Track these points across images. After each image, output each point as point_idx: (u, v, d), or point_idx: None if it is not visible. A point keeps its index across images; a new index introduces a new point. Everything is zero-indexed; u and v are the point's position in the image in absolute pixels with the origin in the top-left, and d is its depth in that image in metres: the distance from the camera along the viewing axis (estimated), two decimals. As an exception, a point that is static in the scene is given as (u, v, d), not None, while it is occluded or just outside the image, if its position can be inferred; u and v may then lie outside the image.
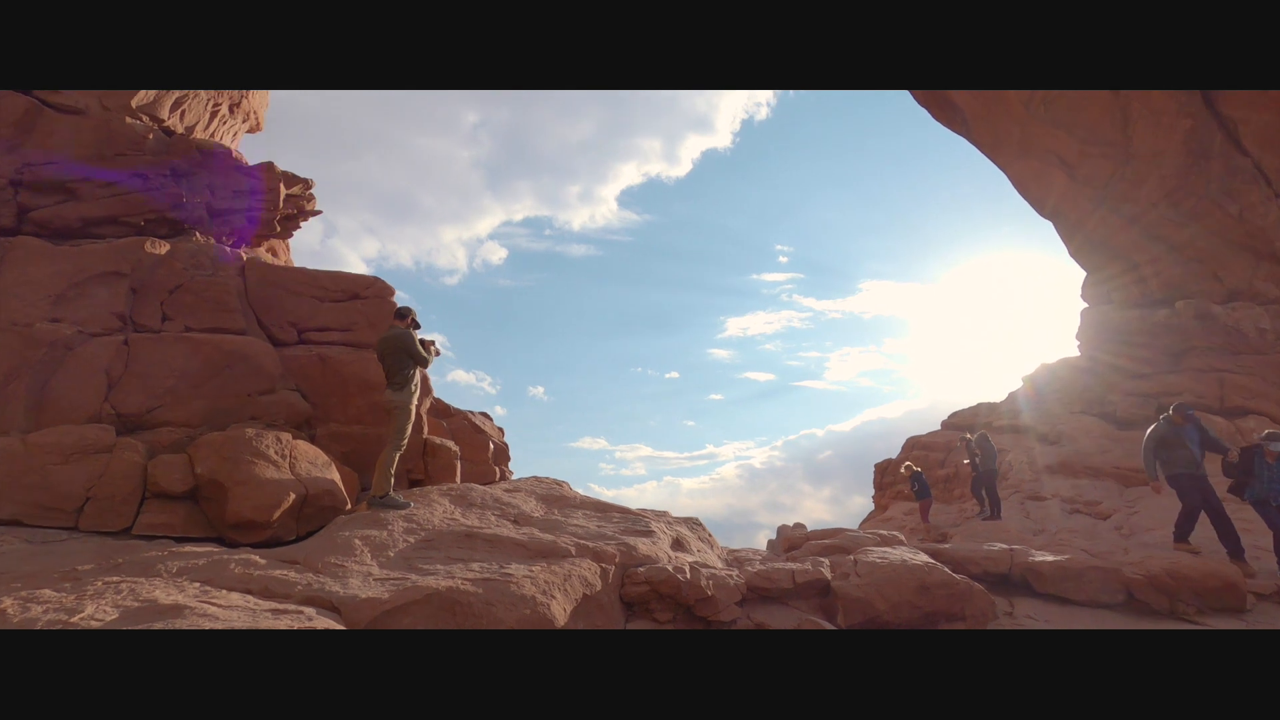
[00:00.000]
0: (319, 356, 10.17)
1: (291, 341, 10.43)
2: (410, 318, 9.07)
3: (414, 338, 8.85)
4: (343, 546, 7.29)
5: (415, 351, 8.79)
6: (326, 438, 9.93)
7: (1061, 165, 22.58)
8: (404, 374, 8.74)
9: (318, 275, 10.81)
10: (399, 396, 8.72)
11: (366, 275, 11.06)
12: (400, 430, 8.74)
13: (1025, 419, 21.97)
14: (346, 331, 10.68)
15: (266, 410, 9.31)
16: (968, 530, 15.63)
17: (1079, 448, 19.63)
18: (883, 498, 22.83)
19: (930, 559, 9.40)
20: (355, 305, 10.84)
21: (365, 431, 10.08)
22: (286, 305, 10.48)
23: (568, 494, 10.89)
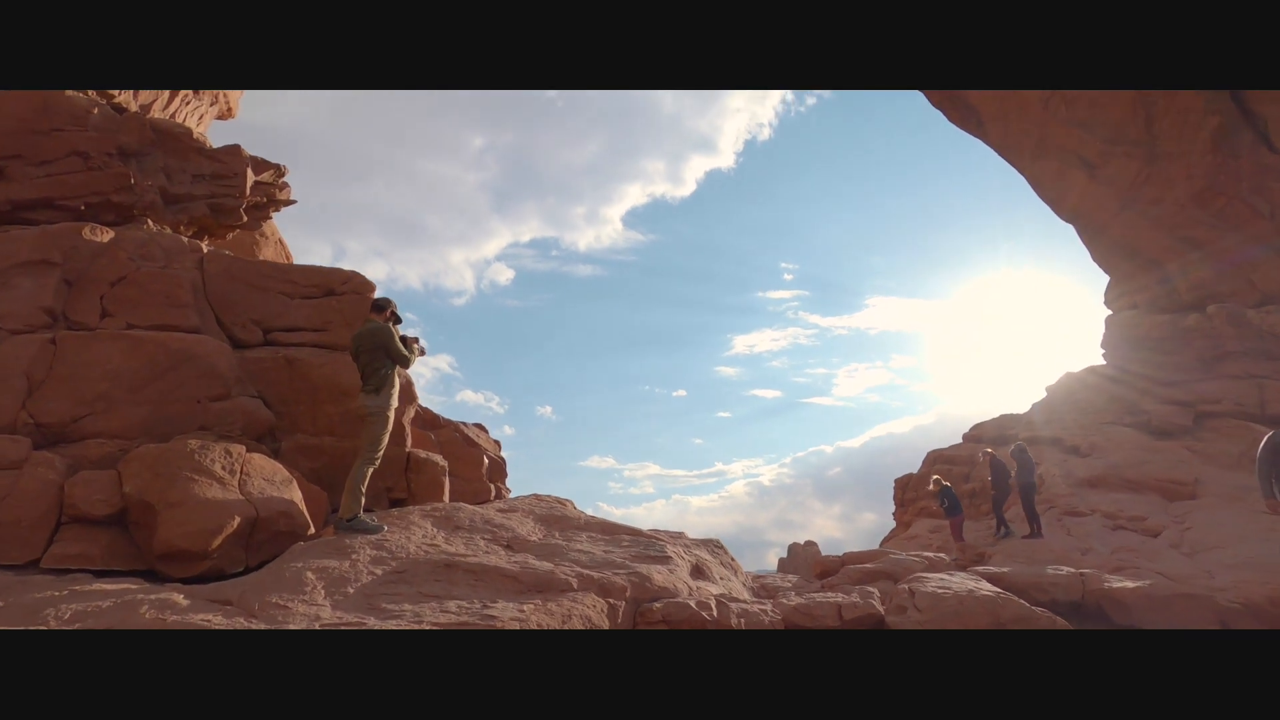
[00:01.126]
0: (286, 359, 8.67)
1: (255, 342, 8.93)
2: (389, 310, 7.58)
3: (393, 333, 7.34)
4: (291, 582, 5.74)
5: (394, 349, 7.27)
6: (293, 451, 8.39)
7: (1082, 165, 21.15)
8: (381, 375, 7.21)
9: (287, 269, 9.34)
10: (374, 401, 7.19)
11: (343, 269, 9.59)
12: (374, 441, 7.21)
13: (1053, 430, 20.35)
14: (319, 331, 9.18)
15: (219, 419, 7.78)
16: (1008, 550, 13.97)
17: (1114, 460, 17.99)
18: (904, 514, 21.15)
19: (996, 587, 7.81)
20: (330, 303, 9.36)
21: (338, 444, 8.55)
22: (250, 302, 9.00)
23: (571, 514, 9.32)
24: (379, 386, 7.16)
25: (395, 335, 7.34)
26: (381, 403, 7.18)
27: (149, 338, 7.74)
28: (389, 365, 7.28)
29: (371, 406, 7.16)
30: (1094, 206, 21.37)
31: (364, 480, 7.15)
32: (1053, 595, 8.69)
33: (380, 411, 7.18)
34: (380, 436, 7.20)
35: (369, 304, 9.40)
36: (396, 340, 7.31)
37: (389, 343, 7.22)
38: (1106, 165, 20.87)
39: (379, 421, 7.18)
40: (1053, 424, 21.06)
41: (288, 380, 8.62)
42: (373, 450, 7.17)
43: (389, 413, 7.26)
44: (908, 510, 21.17)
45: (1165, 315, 21.19)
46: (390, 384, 7.27)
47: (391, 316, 7.56)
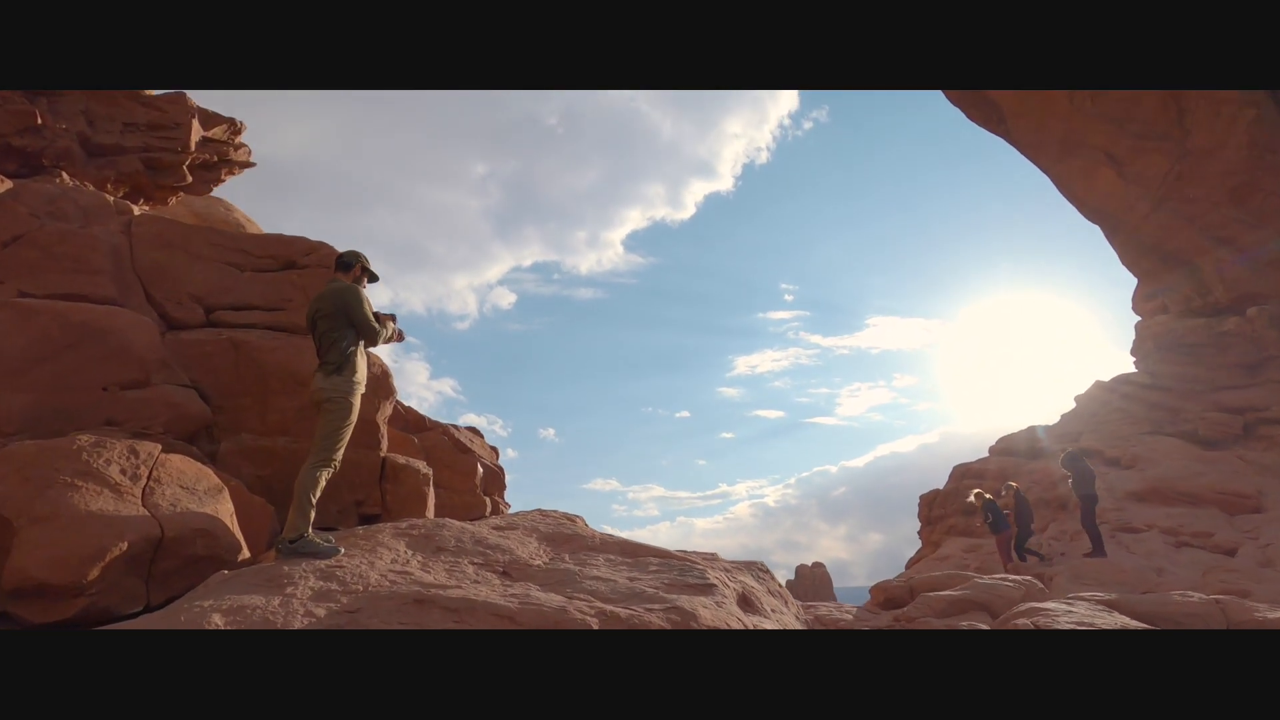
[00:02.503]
0: (230, 342, 6.74)
1: (195, 322, 7.01)
2: (359, 266, 5.61)
3: (360, 296, 5.39)
4: (189, 628, 3.76)
5: (358, 314, 5.32)
6: (234, 454, 6.44)
7: (1110, 162, 19.47)
8: (341, 350, 5.25)
9: (238, 237, 7.45)
10: (332, 384, 5.21)
11: (306, 238, 7.71)
12: (330, 437, 5.22)
13: (1089, 441, 18.46)
14: (275, 311, 7.27)
15: (134, 411, 5.84)
16: (1074, 571, 11.98)
17: (1164, 471, 16.08)
18: (932, 533, 19.14)
19: (1136, 621, 5.84)
20: (289, 277, 7.46)
21: (292, 446, 6.60)
22: (191, 274, 7.10)
23: (583, 532, 7.33)
24: (339, 364, 5.19)
25: (364, 298, 5.41)
26: (342, 386, 5.19)
27: (42, 307, 5.80)
28: (352, 338, 5.32)
29: (328, 390, 5.19)
30: (1122, 205, 19.66)
31: (315, 488, 5.17)
32: (1185, 626, 6.72)
33: (341, 398, 5.20)
34: (339, 430, 5.21)
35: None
36: (364, 304, 5.37)
37: (352, 306, 5.28)
38: (1136, 162, 19.21)
39: (338, 411, 5.18)
40: (1088, 435, 19.18)
41: (232, 367, 6.68)
42: (328, 449, 5.19)
43: (352, 400, 5.27)
44: (935, 529, 19.16)
45: (1200, 319, 19.42)
46: (353, 363, 5.30)
47: (362, 274, 5.63)
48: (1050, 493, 17.48)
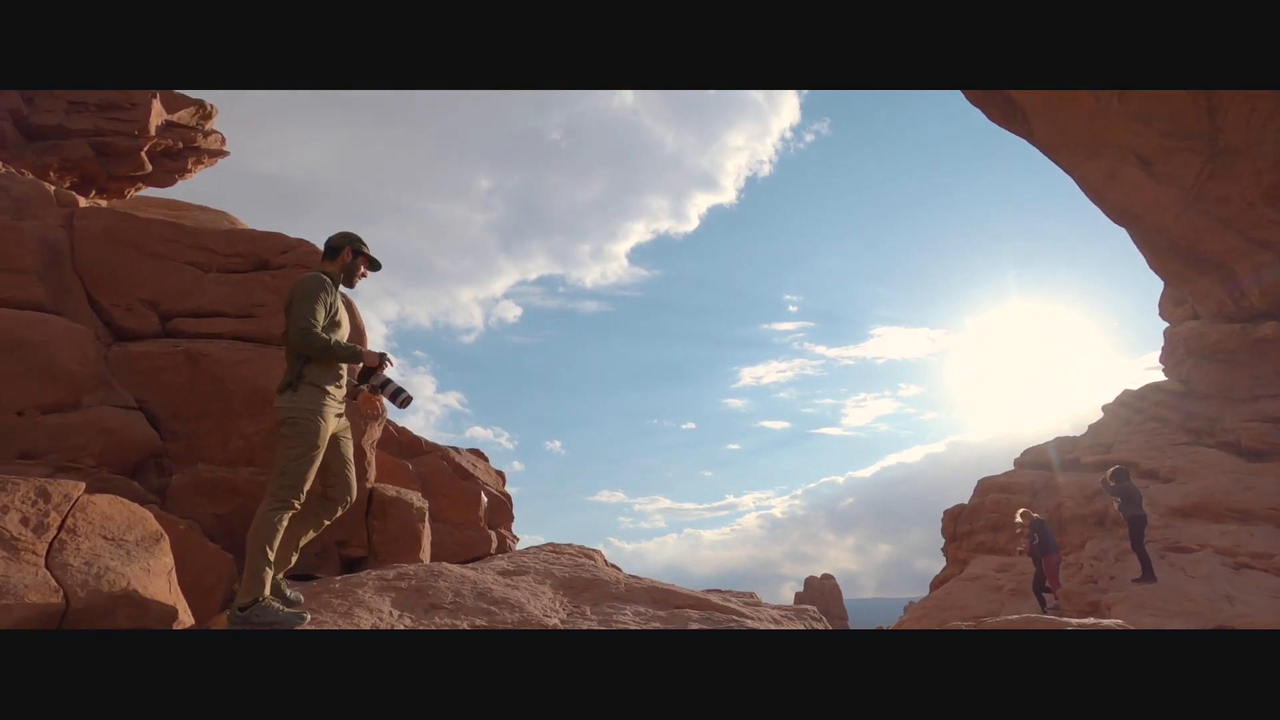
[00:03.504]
0: (185, 354, 5.57)
1: (148, 331, 5.84)
2: (347, 250, 4.03)
3: (315, 288, 3.78)
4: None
5: (296, 309, 3.75)
6: (188, 490, 5.24)
7: (1139, 162, 18.29)
8: (299, 360, 3.97)
9: (201, 233, 6.28)
10: (287, 401, 3.83)
11: (282, 234, 6.54)
12: (287, 469, 3.75)
13: (1122, 453, 17.23)
14: (245, 319, 6.10)
15: (57, 441, 4.65)
16: (1135, 598, 10.73)
17: (1209, 486, 14.84)
18: (958, 550, 17.87)
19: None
20: (262, 279, 6.28)
21: (258, 478, 5.42)
22: (144, 275, 5.93)
23: (604, 574, 6.10)
24: (295, 378, 3.95)
25: (317, 291, 3.76)
26: (300, 403, 3.77)
27: (-55, 313, 4.64)
28: None
29: (284, 409, 3.86)
30: (1151, 207, 18.49)
31: (272, 537, 3.87)
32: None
33: (299, 419, 3.77)
34: (297, 461, 3.74)
35: (318, 281, 6.31)
36: (313, 298, 3.72)
37: (297, 297, 3.74)
38: (1166, 162, 18.03)
39: (296, 435, 3.71)
40: (1119, 446, 17.94)
41: (187, 384, 5.50)
42: (285, 485, 3.84)
43: (318, 420, 3.98)
44: (962, 545, 17.89)
45: (1235, 325, 18.21)
46: (319, 374, 3.95)
47: (354, 259, 4.03)
48: (1086, 508, 16.23)
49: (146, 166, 6.94)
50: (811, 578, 43.50)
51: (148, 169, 7.02)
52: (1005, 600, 14.97)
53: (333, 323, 3.81)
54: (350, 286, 4.04)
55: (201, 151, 7.54)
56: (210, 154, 7.66)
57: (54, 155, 6.11)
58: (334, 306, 3.83)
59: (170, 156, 7.28)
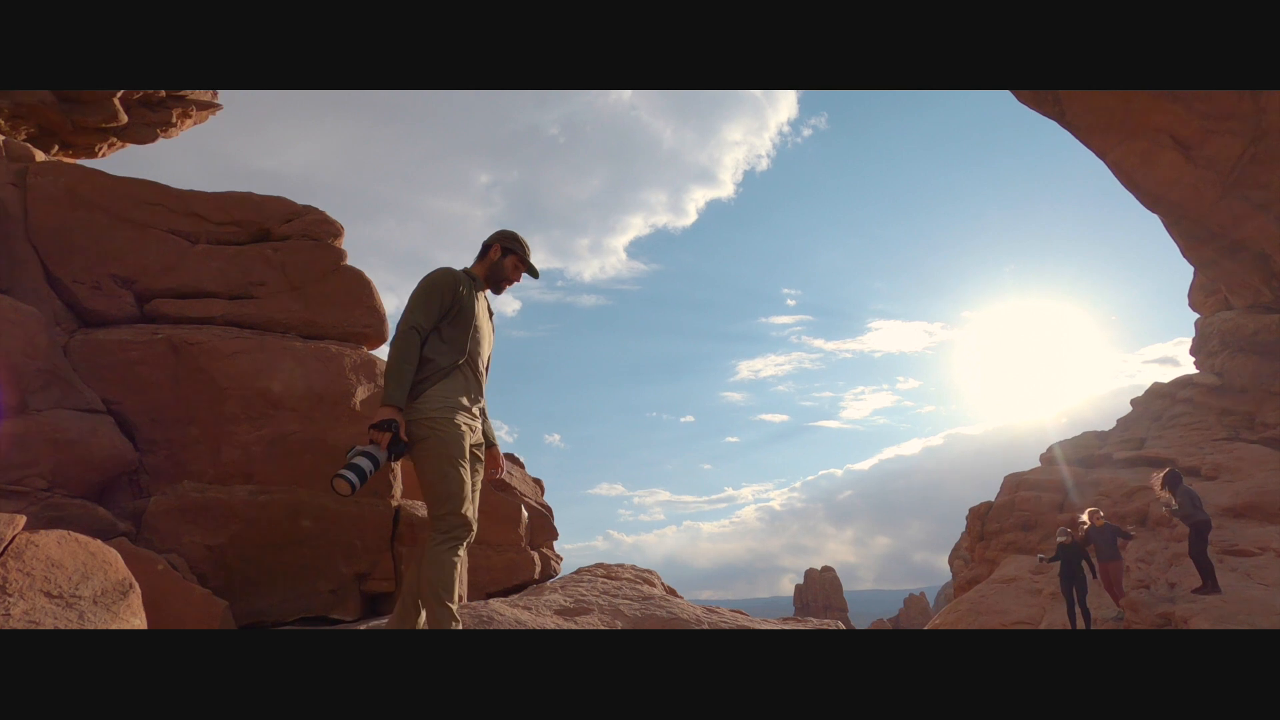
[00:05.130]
0: (167, 343, 4.36)
1: (120, 315, 4.62)
2: (495, 248, 2.99)
3: (426, 287, 2.80)
4: None
5: (404, 310, 2.80)
6: (171, 515, 4.05)
7: (1176, 145, 17.24)
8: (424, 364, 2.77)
9: (187, 196, 5.05)
10: (411, 413, 2.67)
11: (286, 199, 5.33)
12: (429, 490, 2.66)
13: (1158, 449, 16.28)
14: (242, 300, 4.89)
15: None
16: (1214, 612, 9.69)
17: (1260, 484, 13.88)
18: (985, 549, 16.87)
19: None
20: (261, 253, 5.07)
21: (260, 498, 4.22)
22: (114, 245, 4.70)
23: (680, 609, 4.94)
24: (420, 384, 2.73)
25: (429, 291, 2.79)
26: (424, 411, 2.67)
27: None
28: (437, 345, 2.79)
29: (410, 425, 2.66)
30: (1188, 192, 17.46)
31: (450, 583, 2.60)
32: None
33: (422, 432, 2.65)
34: (432, 476, 2.65)
35: (334, 255, 5.11)
36: (421, 295, 2.78)
37: (412, 297, 2.82)
38: (1205, 145, 16.99)
39: (423, 451, 2.66)
40: (1152, 441, 16.99)
41: (170, 381, 4.30)
42: (444, 513, 2.64)
43: (436, 430, 2.66)
44: (990, 545, 16.89)
45: (1274, 315, 17.26)
46: (431, 377, 2.75)
47: (502, 256, 2.99)
48: (1124, 506, 15.24)
49: (121, 116, 5.67)
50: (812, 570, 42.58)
51: (123, 119, 5.76)
52: (1046, 604, 13.98)
53: (456, 325, 2.76)
54: (496, 291, 2.98)
55: (189, 103, 6.23)
56: (200, 106, 6.37)
57: (4, 99, 4.85)
58: (456, 309, 2.76)
59: (150, 107, 5.97)
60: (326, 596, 4.37)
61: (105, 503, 3.89)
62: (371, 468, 2.42)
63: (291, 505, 4.32)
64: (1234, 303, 18.25)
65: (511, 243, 2.92)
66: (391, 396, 2.54)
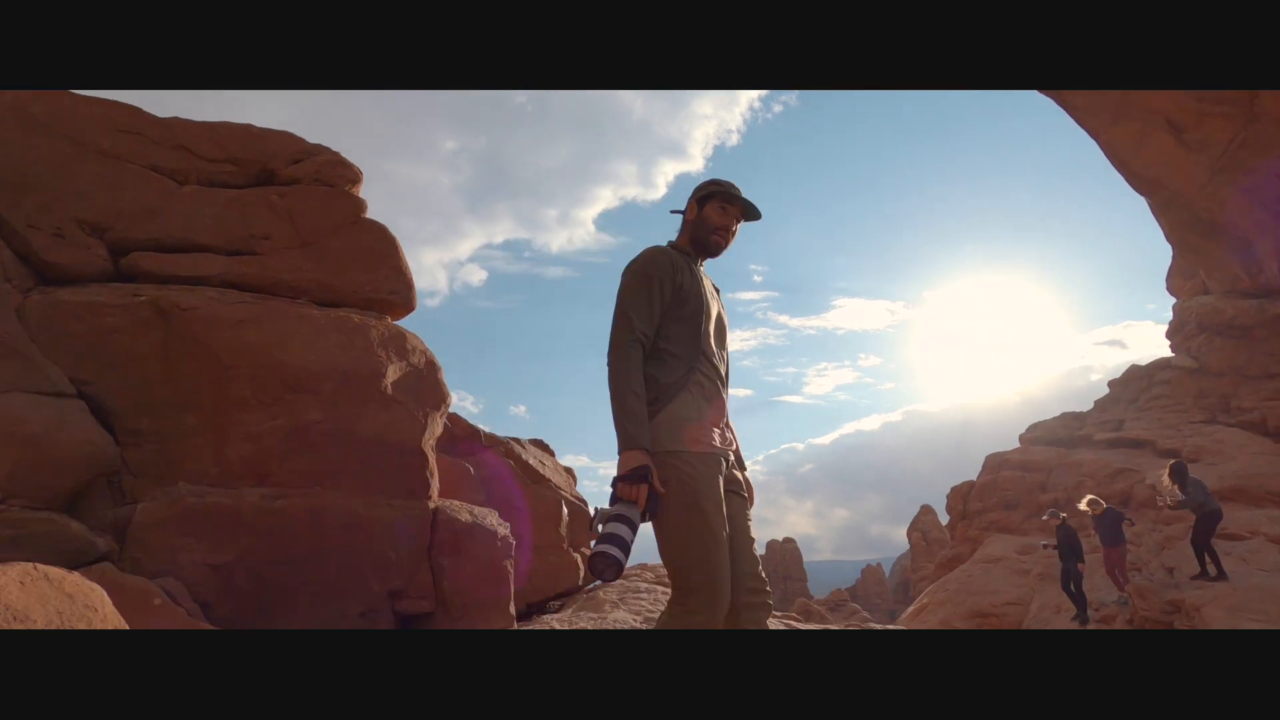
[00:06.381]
0: (154, 308, 3.39)
1: (90, 271, 3.62)
2: (690, 206, 2.05)
3: (638, 275, 1.88)
4: None
5: (614, 316, 1.88)
6: (166, 527, 3.13)
7: (1169, 128, 17.00)
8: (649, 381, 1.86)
9: (174, 126, 4.02)
10: (650, 443, 1.75)
11: (294, 135, 4.33)
12: (676, 557, 1.70)
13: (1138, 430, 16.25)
14: (242, 255, 3.93)
15: (-74, 458, 2.48)
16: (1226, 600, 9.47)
17: (1243, 467, 13.87)
18: (968, 528, 16.73)
19: None
20: (265, 197, 4.09)
21: (279, 503, 3.33)
22: (82, 182, 3.68)
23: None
24: (652, 404, 1.81)
25: (640, 282, 1.87)
26: (658, 445, 1.73)
27: None
28: (669, 356, 1.88)
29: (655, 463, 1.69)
30: (1178, 175, 17.29)
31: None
32: None
33: (665, 477, 1.70)
34: (684, 544, 1.69)
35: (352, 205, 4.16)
36: (629, 295, 1.86)
37: (621, 291, 1.92)
38: (1199, 127, 16.76)
39: (670, 500, 1.69)
40: (1131, 423, 16.98)
41: (157, 355, 3.35)
42: (682, 586, 1.68)
43: (694, 472, 1.74)
44: (972, 524, 16.75)
45: (1251, 300, 17.31)
46: (665, 405, 1.80)
47: (697, 219, 2.02)
48: (1108, 487, 15.15)
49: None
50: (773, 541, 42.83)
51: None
52: (1035, 585, 13.81)
53: (682, 320, 1.89)
54: (712, 252, 2.02)
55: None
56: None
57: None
58: (679, 299, 1.90)
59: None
60: (356, 620, 3.53)
61: (78, 513, 2.96)
62: (633, 537, 1.60)
63: (314, 511, 3.44)
64: (1212, 287, 18.27)
65: (707, 187, 2.04)
66: (634, 437, 1.69)
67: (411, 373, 4.03)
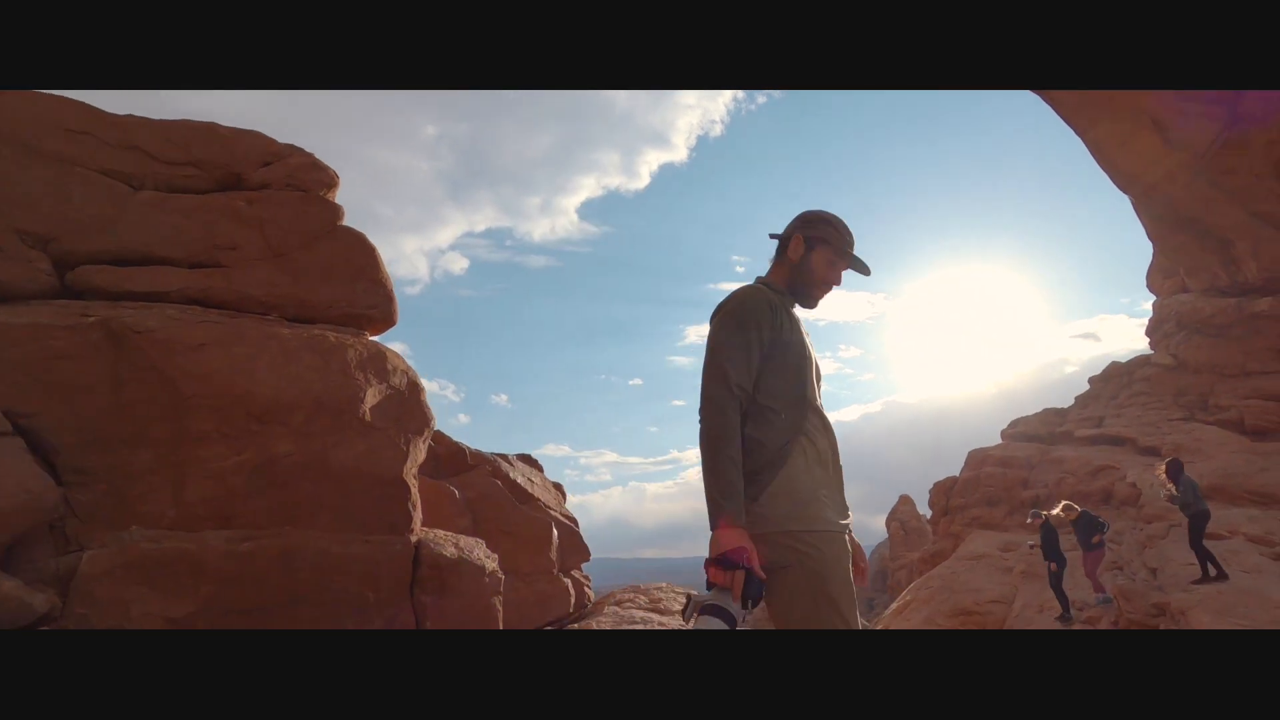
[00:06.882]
0: (104, 330, 3.03)
1: (32, 288, 3.24)
2: (795, 240, 1.69)
3: (734, 322, 1.57)
4: None
5: (706, 366, 1.56)
6: (116, 575, 2.80)
7: (1155, 127, 16.95)
8: (748, 442, 1.56)
9: (126, 123, 3.64)
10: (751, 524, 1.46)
11: (262, 135, 3.95)
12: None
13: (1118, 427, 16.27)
14: (204, 268, 3.56)
15: None
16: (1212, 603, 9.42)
17: (1223, 466, 13.90)
18: (951, 524, 16.70)
19: None
20: (232, 205, 3.72)
21: (246, 546, 3.00)
22: (23, 188, 3.29)
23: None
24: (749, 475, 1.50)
25: (741, 327, 1.57)
26: (772, 523, 1.45)
27: None
28: (774, 415, 1.58)
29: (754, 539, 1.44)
30: (1161, 174, 17.27)
31: None
32: None
33: (784, 560, 1.44)
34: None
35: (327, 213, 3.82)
36: (729, 342, 1.56)
37: (709, 348, 1.59)
38: (1183, 126, 16.72)
39: (791, 589, 1.43)
40: (1111, 420, 17.01)
41: (107, 384, 3.00)
42: None
43: (819, 555, 1.46)
44: (954, 520, 16.72)
45: (1230, 299, 17.37)
46: (776, 472, 1.52)
47: (802, 261, 1.69)
48: (1089, 484, 15.17)
49: None
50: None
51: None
52: (1018, 583, 13.78)
53: (783, 371, 1.60)
54: (806, 304, 1.73)
55: None
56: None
57: None
58: (780, 346, 1.61)
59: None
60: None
61: (13, 565, 2.62)
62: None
63: (285, 553, 3.12)
64: (1191, 285, 18.32)
65: (820, 229, 1.71)
66: (730, 511, 1.41)
67: (392, 395, 3.70)
